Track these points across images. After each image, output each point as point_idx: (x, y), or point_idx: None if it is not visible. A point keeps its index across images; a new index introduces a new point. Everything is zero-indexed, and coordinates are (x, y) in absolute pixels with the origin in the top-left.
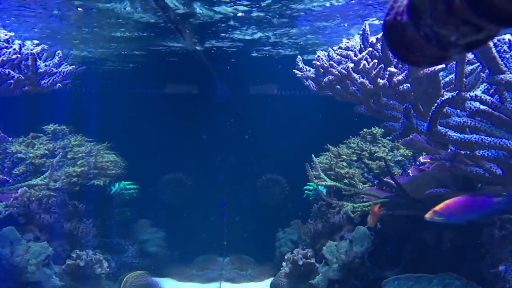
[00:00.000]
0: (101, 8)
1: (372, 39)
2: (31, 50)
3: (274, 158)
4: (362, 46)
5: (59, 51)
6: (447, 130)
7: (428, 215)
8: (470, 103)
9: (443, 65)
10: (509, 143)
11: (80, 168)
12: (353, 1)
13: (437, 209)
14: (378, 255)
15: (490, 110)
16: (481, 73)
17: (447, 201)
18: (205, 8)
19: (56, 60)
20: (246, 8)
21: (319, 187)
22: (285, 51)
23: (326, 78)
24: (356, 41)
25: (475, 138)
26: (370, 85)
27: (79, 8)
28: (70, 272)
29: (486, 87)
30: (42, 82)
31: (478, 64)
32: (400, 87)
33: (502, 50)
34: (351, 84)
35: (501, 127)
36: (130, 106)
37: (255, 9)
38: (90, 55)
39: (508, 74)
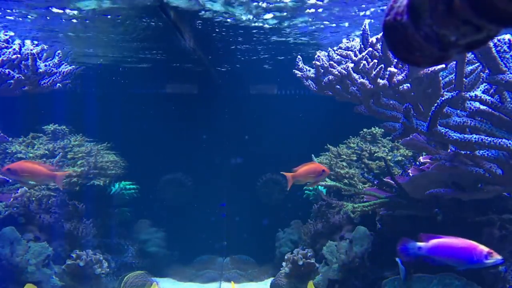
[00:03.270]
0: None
1: (372, 39)
2: (31, 50)
3: (274, 158)
4: (362, 46)
5: (59, 51)
6: (447, 130)
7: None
8: (470, 103)
9: (443, 65)
10: (509, 143)
11: (80, 168)
12: None
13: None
14: (378, 255)
15: (490, 110)
16: (481, 73)
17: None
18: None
19: (56, 60)
20: None
21: (319, 187)
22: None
23: (326, 78)
24: (356, 41)
25: (475, 138)
26: (370, 85)
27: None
28: (70, 272)
29: (486, 87)
30: (42, 82)
31: (478, 64)
32: (400, 87)
33: (502, 50)
34: (351, 84)
35: (501, 127)
36: (130, 106)
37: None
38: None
39: (508, 74)
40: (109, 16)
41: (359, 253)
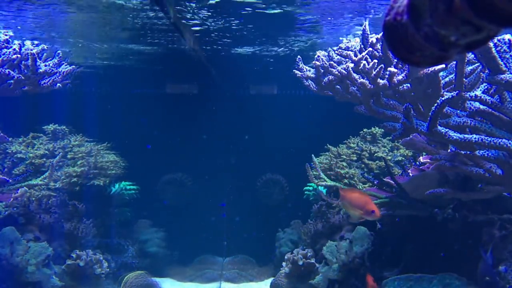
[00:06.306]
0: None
1: (372, 39)
2: (31, 50)
3: (274, 158)
4: (362, 46)
5: (59, 51)
6: (447, 130)
7: None
8: (470, 103)
9: (443, 65)
10: (509, 143)
11: (80, 168)
12: None
13: None
14: (378, 255)
15: (490, 110)
16: (481, 73)
17: None
18: None
19: (56, 60)
20: None
21: (319, 187)
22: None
23: (326, 78)
24: (356, 41)
25: (475, 138)
26: (370, 85)
27: None
28: (70, 272)
29: (486, 87)
30: (42, 82)
31: (478, 64)
32: (400, 87)
33: (502, 50)
34: (351, 84)
35: (501, 127)
36: (130, 106)
37: None
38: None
39: (508, 74)
40: None
41: (359, 253)
